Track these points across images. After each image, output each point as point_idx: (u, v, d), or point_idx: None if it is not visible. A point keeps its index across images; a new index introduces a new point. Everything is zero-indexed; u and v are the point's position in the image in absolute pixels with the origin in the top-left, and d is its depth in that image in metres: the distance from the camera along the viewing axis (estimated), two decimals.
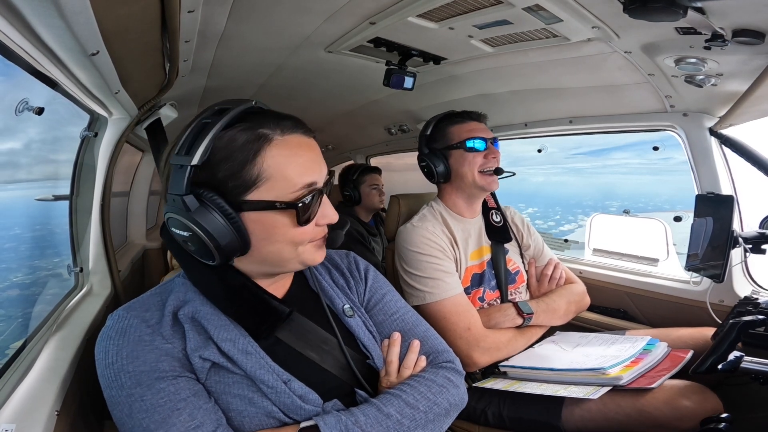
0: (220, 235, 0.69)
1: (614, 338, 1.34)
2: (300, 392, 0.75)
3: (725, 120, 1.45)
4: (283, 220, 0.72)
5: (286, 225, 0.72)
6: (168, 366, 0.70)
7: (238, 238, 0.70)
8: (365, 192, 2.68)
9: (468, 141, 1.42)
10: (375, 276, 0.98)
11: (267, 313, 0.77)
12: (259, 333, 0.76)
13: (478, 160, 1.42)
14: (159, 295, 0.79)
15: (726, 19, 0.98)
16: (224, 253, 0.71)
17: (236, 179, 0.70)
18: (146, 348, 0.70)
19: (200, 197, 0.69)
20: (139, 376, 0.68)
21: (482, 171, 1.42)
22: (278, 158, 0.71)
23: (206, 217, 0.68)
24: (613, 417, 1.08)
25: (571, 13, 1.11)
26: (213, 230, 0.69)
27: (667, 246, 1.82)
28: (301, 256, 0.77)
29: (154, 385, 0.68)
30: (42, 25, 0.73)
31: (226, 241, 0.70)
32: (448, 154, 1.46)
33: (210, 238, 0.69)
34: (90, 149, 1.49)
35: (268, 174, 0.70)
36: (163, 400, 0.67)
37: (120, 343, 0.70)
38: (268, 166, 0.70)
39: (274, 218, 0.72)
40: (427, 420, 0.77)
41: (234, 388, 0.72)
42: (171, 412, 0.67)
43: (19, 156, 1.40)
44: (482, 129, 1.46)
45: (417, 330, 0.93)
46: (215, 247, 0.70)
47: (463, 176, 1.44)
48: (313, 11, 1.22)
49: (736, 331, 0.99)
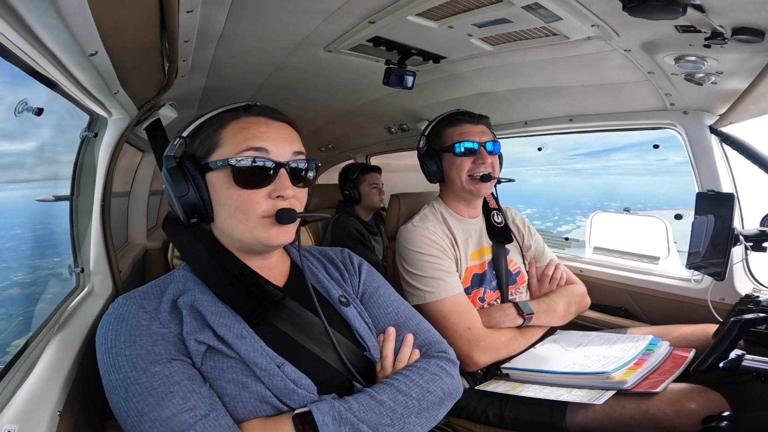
0: (180, 189, 0.80)
1: (616, 337, 1.34)
2: (293, 376, 0.76)
3: (725, 118, 1.45)
4: (228, 180, 0.79)
5: (230, 186, 0.79)
6: (163, 350, 0.72)
7: (196, 194, 0.80)
8: (365, 191, 2.67)
9: (456, 145, 1.41)
10: (369, 270, 1.01)
11: (262, 296, 0.80)
12: (254, 317, 0.79)
13: (466, 165, 1.41)
14: (158, 286, 0.82)
15: (725, 17, 0.97)
16: (185, 209, 0.81)
17: (203, 147, 0.82)
18: (143, 332, 0.72)
19: (180, 160, 0.82)
20: (135, 360, 0.69)
21: (471, 176, 1.41)
22: (234, 129, 0.82)
23: (176, 175, 0.80)
24: (617, 419, 1.08)
25: (571, 12, 1.11)
26: (177, 184, 0.80)
27: (667, 244, 1.82)
28: (254, 231, 0.80)
29: (149, 368, 0.69)
30: (40, 26, 0.73)
31: (184, 195, 0.80)
32: (441, 155, 1.46)
33: (173, 190, 0.80)
34: (90, 149, 1.49)
35: (223, 140, 0.81)
36: (158, 383, 0.68)
37: (118, 328, 0.72)
38: (226, 134, 0.82)
39: (222, 177, 0.80)
40: (421, 408, 0.78)
41: (228, 373, 0.74)
42: (165, 395, 0.68)
43: (21, 156, 1.41)
44: (476, 132, 1.43)
45: (410, 323, 0.94)
46: (176, 198, 0.80)
47: (453, 180, 1.44)
48: (312, 11, 1.22)
49: (737, 329, 0.98)
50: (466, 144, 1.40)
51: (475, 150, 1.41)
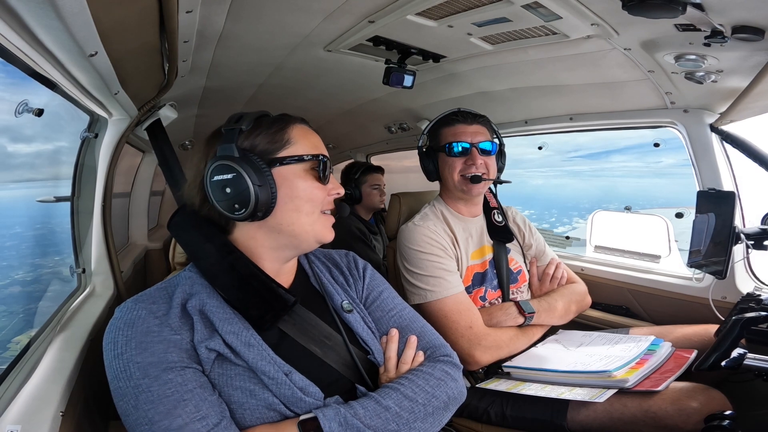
0: (258, 178, 0.78)
1: (618, 337, 1.34)
2: (301, 384, 0.76)
3: (726, 116, 1.44)
4: (304, 175, 0.84)
5: (306, 180, 0.83)
6: (176, 357, 0.71)
7: (269, 186, 0.79)
8: (366, 191, 2.68)
9: (448, 145, 1.42)
10: (373, 274, 1.01)
11: (274, 300, 0.80)
12: (264, 322, 0.78)
13: (457, 165, 1.42)
14: (165, 289, 0.80)
15: (725, 15, 0.97)
16: (255, 202, 0.78)
17: (271, 143, 0.83)
18: (155, 339, 0.71)
19: (242, 152, 0.81)
20: (147, 368, 0.69)
21: (463, 176, 1.42)
22: (300, 132, 0.86)
23: (248, 164, 0.79)
24: (618, 417, 1.08)
25: (570, 10, 1.11)
26: (253, 173, 0.78)
27: (668, 242, 1.81)
28: (315, 226, 0.84)
29: (161, 376, 0.69)
30: (40, 27, 0.73)
31: (259, 186, 0.78)
32: (437, 155, 1.47)
33: (251, 178, 0.78)
34: (90, 150, 1.49)
35: (294, 140, 0.84)
36: (170, 390, 0.68)
37: (129, 334, 0.71)
38: (294, 135, 0.85)
39: (298, 173, 0.83)
40: (426, 413, 0.78)
41: (236, 380, 0.73)
42: (177, 403, 0.67)
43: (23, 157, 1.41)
44: (469, 132, 1.43)
45: (414, 326, 0.94)
46: (253, 186, 0.78)
47: (446, 179, 1.46)
48: (311, 10, 1.22)
49: (738, 327, 0.98)
50: (456, 144, 1.41)
51: (467, 150, 1.41)
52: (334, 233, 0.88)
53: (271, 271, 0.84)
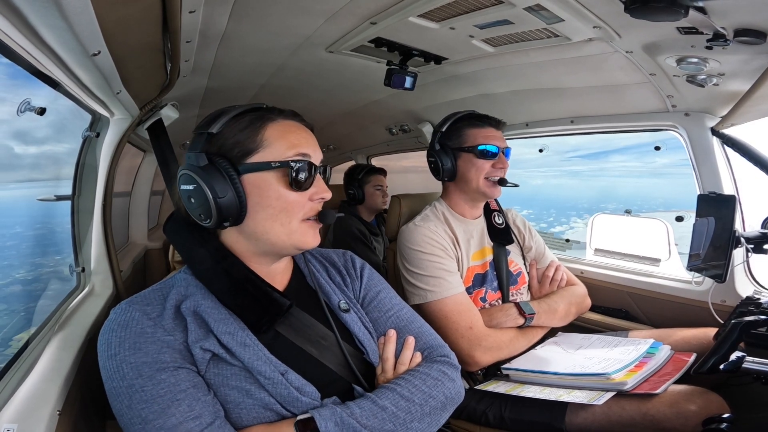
0: (220, 189, 0.75)
1: (617, 340, 1.34)
2: (297, 384, 0.75)
3: (727, 120, 1.44)
4: (276, 182, 0.79)
5: (279, 188, 0.79)
6: (169, 357, 0.71)
7: (235, 195, 0.77)
8: (369, 192, 2.69)
9: (481, 146, 1.42)
10: (370, 274, 1.00)
11: (269, 304, 0.79)
12: (260, 325, 0.78)
13: (486, 167, 1.42)
14: (160, 290, 0.80)
15: (727, 18, 0.97)
16: (221, 211, 0.76)
17: (241, 146, 0.79)
18: (148, 340, 0.71)
19: (210, 158, 0.78)
20: (141, 367, 0.69)
21: (487, 178, 1.42)
22: (277, 131, 0.81)
23: (211, 173, 0.76)
24: (617, 420, 1.08)
25: (572, 13, 1.11)
26: (215, 185, 0.75)
27: (668, 246, 1.81)
28: (293, 236, 0.80)
29: (154, 376, 0.69)
30: (43, 26, 0.74)
31: (225, 196, 0.76)
32: (458, 154, 1.45)
33: (211, 191, 0.75)
34: (92, 149, 1.50)
35: (267, 142, 0.80)
36: (164, 390, 0.68)
37: (122, 335, 0.71)
38: (269, 135, 0.80)
39: (269, 179, 0.79)
40: (423, 413, 0.78)
41: (232, 380, 0.73)
42: (170, 402, 0.67)
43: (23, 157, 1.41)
44: (498, 137, 1.45)
45: (412, 326, 0.94)
46: (214, 200, 0.75)
47: (469, 180, 1.44)
48: (313, 11, 1.22)
49: (738, 331, 0.98)
50: (490, 147, 1.42)
51: (496, 154, 1.42)
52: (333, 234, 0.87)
53: (265, 273, 0.84)
